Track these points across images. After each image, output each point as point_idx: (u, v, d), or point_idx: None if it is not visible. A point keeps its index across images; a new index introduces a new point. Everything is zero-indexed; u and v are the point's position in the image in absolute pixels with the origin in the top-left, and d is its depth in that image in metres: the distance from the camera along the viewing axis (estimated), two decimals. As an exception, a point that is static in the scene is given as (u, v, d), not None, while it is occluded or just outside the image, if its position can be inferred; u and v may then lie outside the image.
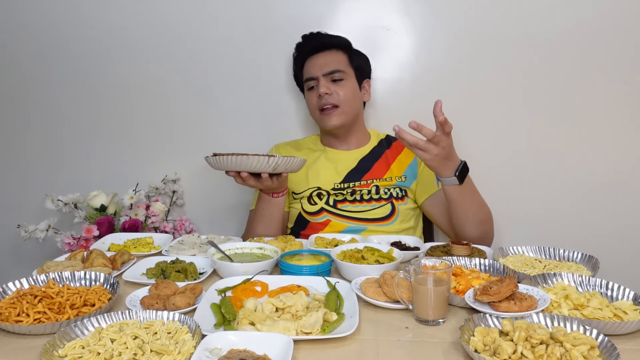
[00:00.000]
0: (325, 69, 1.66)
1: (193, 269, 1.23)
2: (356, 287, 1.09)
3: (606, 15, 1.81)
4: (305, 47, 1.74)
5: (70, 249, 1.76)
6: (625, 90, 1.85)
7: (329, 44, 1.71)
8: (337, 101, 1.65)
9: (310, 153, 1.78)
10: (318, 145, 1.80)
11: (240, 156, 1.37)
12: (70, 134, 2.07)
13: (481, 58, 1.88)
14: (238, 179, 1.46)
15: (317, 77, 1.66)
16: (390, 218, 1.67)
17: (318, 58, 1.69)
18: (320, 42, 1.71)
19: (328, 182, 1.69)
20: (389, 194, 1.68)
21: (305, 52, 1.74)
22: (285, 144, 1.85)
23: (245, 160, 1.37)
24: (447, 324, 0.97)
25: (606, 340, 0.81)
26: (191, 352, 0.82)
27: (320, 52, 1.70)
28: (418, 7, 1.88)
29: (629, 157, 1.89)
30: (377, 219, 1.66)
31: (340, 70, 1.66)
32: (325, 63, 1.67)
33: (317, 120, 1.73)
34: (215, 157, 1.40)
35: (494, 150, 1.93)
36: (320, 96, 1.65)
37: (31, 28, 2.01)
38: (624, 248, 1.92)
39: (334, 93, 1.65)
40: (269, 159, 1.37)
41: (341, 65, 1.68)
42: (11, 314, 0.96)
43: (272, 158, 1.38)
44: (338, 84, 1.66)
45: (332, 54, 1.69)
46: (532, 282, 1.09)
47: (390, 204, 1.67)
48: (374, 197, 1.67)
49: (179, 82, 1.99)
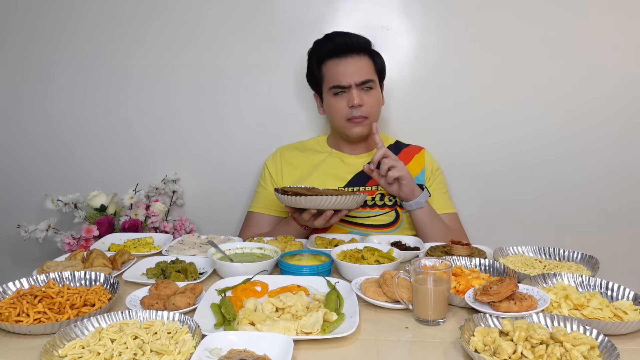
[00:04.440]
0: (357, 78, 1.58)
1: (193, 269, 1.23)
2: (356, 287, 1.09)
3: (606, 15, 1.81)
4: (329, 45, 1.63)
5: (70, 249, 1.76)
6: (626, 90, 1.85)
7: (356, 46, 1.61)
8: (367, 112, 1.61)
9: (315, 155, 1.76)
10: (324, 147, 1.78)
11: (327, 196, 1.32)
12: (70, 134, 2.07)
13: (481, 58, 1.88)
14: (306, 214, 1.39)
15: (349, 85, 1.59)
16: (394, 225, 1.65)
17: (348, 63, 1.59)
18: (348, 43, 1.61)
19: (332, 185, 1.67)
20: (394, 201, 1.65)
21: (326, 51, 1.63)
22: (290, 146, 1.83)
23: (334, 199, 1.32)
24: (447, 324, 0.97)
25: (606, 340, 0.81)
26: (191, 352, 0.82)
27: (348, 56, 1.60)
28: (418, 7, 1.88)
29: (629, 157, 1.89)
30: (380, 226, 1.65)
31: (372, 80, 1.61)
32: (356, 71, 1.59)
33: (341, 127, 1.66)
34: (290, 197, 1.34)
35: (494, 150, 1.93)
36: (353, 107, 1.59)
37: (31, 25, 2.01)
38: (624, 248, 1.92)
39: (365, 104, 1.60)
40: (357, 197, 1.35)
41: (371, 74, 1.62)
42: (11, 314, 0.96)
43: (358, 196, 1.35)
44: (368, 93, 1.62)
45: (362, 60, 1.61)
46: (532, 282, 1.09)
47: (394, 211, 1.65)
48: (378, 204, 1.65)
49: (180, 82, 1.99)
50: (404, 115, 1.90)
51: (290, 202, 1.36)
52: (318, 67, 1.67)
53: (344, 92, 1.61)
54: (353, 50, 1.61)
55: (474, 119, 1.92)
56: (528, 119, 1.90)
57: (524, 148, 1.92)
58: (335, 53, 1.61)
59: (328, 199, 1.30)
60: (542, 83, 1.87)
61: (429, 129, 1.88)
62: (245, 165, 2.00)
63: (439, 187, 1.73)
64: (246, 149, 2.00)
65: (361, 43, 1.63)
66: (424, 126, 1.86)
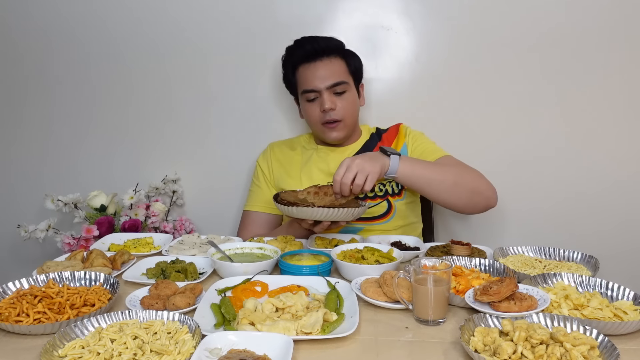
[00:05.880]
0: (328, 82, 1.58)
1: (193, 269, 1.23)
2: (356, 287, 1.09)
3: (606, 15, 1.81)
4: (300, 51, 1.64)
5: (70, 249, 1.76)
6: (625, 90, 1.85)
7: (326, 49, 1.62)
8: (340, 115, 1.61)
9: (304, 152, 1.77)
10: (311, 144, 1.79)
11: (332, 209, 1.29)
12: (70, 134, 2.07)
13: (481, 58, 1.88)
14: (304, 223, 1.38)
15: (319, 89, 1.59)
16: (386, 216, 1.65)
17: (317, 67, 1.60)
18: (317, 48, 1.61)
19: (321, 181, 1.66)
20: (384, 190, 1.65)
21: (299, 56, 1.64)
22: (280, 143, 1.84)
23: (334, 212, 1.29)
24: (447, 324, 0.97)
25: (606, 340, 0.81)
26: (191, 352, 0.82)
27: (318, 60, 1.61)
28: (418, 7, 1.88)
29: (629, 157, 1.89)
30: (372, 218, 1.64)
31: (343, 82, 1.60)
32: (326, 75, 1.59)
33: (318, 132, 1.67)
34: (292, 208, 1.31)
35: (493, 150, 1.93)
36: (325, 111, 1.59)
37: (32, 28, 2.01)
38: (624, 248, 1.92)
39: (337, 107, 1.60)
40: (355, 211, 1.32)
41: (342, 76, 1.61)
42: (11, 314, 0.96)
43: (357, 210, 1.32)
44: (341, 96, 1.61)
45: (332, 63, 1.61)
46: (532, 282, 1.09)
47: (386, 201, 1.65)
48: (369, 195, 1.65)
49: (179, 82, 1.99)
50: (403, 115, 1.90)
51: (285, 212, 1.34)
52: (292, 73, 1.68)
53: (317, 97, 1.61)
54: (322, 54, 1.61)
55: (474, 119, 1.92)
56: (528, 119, 1.90)
57: (524, 148, 1.92)
58: (305, 58, 1.62)
59: (321, 211, 1.27)
60: (542, 83, 1.87)
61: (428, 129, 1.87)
62: (245, 165, 2.00)
63: (423, 142, 1.69)
64: (246, 149, 2.00)
65: (330, 46, 1.63)
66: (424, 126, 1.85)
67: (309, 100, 1.64)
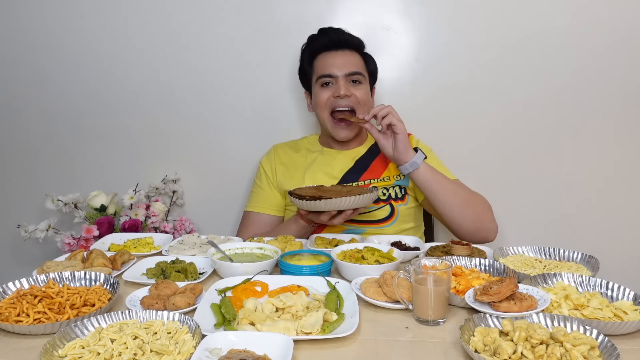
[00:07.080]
0: (346, 69, 1.60)
1: (193, 269, 1.23)
2: (356, 287, 1.08)
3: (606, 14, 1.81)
4: (322, 39, 1.66)
5: (70, 249, 1.76)
6: (625, 90, 1.85)
7: (349, 42, 1.65)
8: (354, 104, 1.61)
9: (308, 154, 1.76)
10: (316, 146, 1.78)
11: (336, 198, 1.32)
12: (70, 134, 2.07)
13: (481, 58, 1.88)
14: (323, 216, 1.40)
15: (336, 76, 1.60)
16: (389, 220, 1.65)
17: (337, 56, 1.63)
18: (340, 38, 1.64)
19: (325, 183, 1.66)
20: (388, 194, 1.65)
21: (320, 45, 1.66)
22: (284, 145, 1.84)
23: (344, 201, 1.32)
24: (447, 324, 0.97)
25: (606, 340, 0.81)
26: (191, 352, 0.82)
27: (339, 50, 1.64)
28: (418, 7, 1.88)
29: (628, 157, 1.89)
30: (375, 221, 1.64)
31: (360, 73, 1.63)
32: (345, 63, 1.61)
33: (326, 122, 1.66)
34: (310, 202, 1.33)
35: (493, 150, 1.93)
36: (339, 97, 1.59)
37: (32, 29, 2.01)
38: (624, 248, 1.92)
39: (352, 95, 1.60)
40: (369, 195, 1.35)
41: (360, 68, 1.64)
42: (11, 314, 0.96)
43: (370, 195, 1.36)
44: (356, 86, 1.62)
45: (352, 55, 1.64)
46: (532, 282, 1.09)
47: (389, 205, 1.65)
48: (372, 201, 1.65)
49: (179, 82, 1.99)
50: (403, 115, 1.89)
51: (309, 207, 1.35)
52: (310, 62, 1.69)
53: (331, 83, 1.62)
54: (345, 46, 1.65)
55: (473, 119, 1.92)
56: (528, 119, 1.90)
57: (524, 148, 1.92)
58: (327, 47, 1.65)
59: (347, 200, 1.31)
60: (542, 83, 1.87)
61: (428, 129, 1.88)
62: (245, 165, 2.00)
63: (433, 160, 1.70)
64: (247, 149, 2.00)
65: (353, 41, 1.67)
66: (424, 126, 1.86)
67: (323, 85, 1.64)
